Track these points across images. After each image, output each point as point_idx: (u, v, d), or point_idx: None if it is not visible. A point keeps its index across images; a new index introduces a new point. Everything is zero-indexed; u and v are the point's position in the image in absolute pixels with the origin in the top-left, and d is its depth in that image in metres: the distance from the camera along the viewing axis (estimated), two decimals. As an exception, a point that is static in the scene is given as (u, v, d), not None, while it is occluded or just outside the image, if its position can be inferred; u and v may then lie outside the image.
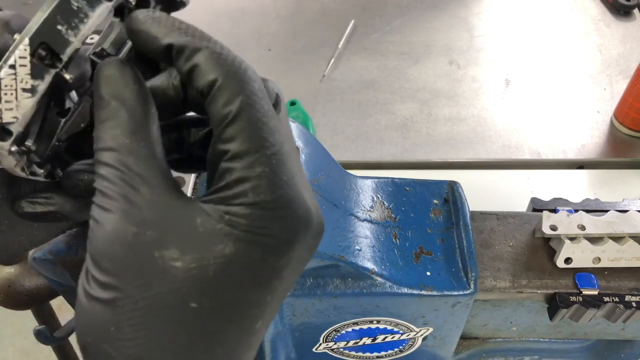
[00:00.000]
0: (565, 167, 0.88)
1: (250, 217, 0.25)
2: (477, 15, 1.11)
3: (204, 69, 0.27)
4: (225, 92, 0.26)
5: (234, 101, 0.26)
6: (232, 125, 0.26)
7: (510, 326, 0.58)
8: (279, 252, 0.27)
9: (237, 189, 0.26)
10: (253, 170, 0.26)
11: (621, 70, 1.00)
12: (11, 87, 0.27)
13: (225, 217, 0.25)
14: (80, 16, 0.27)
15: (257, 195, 0.26)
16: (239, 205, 0.26)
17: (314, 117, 0.91)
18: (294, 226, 0.27)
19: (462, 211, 0.51)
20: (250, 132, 0.26)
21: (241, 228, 0.25)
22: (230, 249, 0.25)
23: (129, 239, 0.25)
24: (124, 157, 0.26)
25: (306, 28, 1.08)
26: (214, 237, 0.25)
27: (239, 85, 0.27)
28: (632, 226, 0.51)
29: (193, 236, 0.25)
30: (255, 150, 0.26)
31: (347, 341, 0.53)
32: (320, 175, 0.49)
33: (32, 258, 0.44)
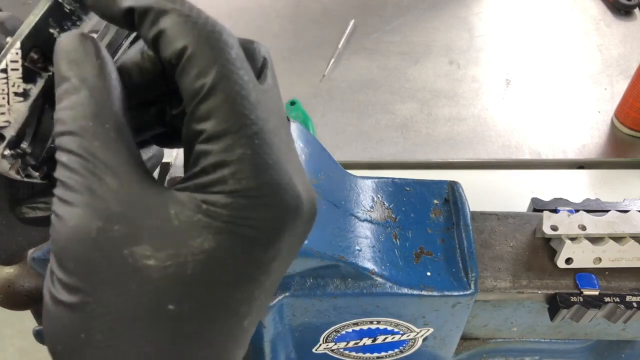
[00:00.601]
0: (566, 167, 0.87)
1: (232, 207, 0.22)
2: (477, 15, 1.11)
3: (171, 35, 0.23)
4: (197, 61, 0.23)
5: (207, 72, 0.23)
6: (206, 101, 0.23)
7: (511, 326, 0.58)
8: (265, 244, 0.23)
9: (214, 175, 0.23)
10: (232, 153, 0.23)
11: (622, 70, 1.00)
12: (2, 91, 0.26)
13: (203, 206, 0.22)
14: (73, 19, 0.27)
15: (238, 182, 0.22)
16: (218, 194, 0.23)
17: (314, 117, 0.91)
18: (281, 215, 0.23)
19: (462, 211, 0.51)
20: (227, 109, 0.23)
21: (221, 219, 0.22)
22: (210, 243, 0.22)
23: (93, 235, 0.22)
24: (86, 142, 0.23)
25: (306, 28, 1.08)
26: (191, 231, 0.22)
27: (213, 52, 0.23)
28: (633, 226, 0.51)
29: (167, 230, 0.22)
30: (234, 130, 0.23)
31: (347, 342, 0.52)
32: (320, 175, 0.49)
33: (31, 258, 0.44)
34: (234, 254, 0.23)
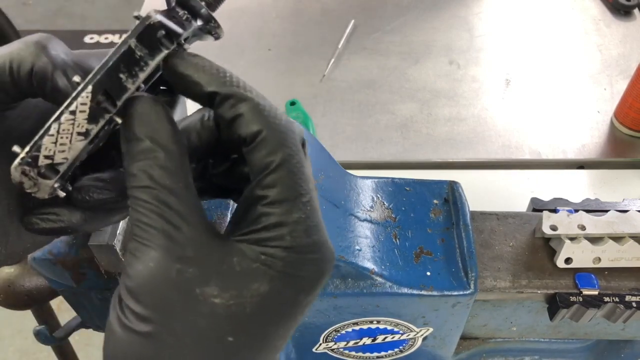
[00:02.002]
0: (566, 167, 0.88)
1: (287, 259, 0.27)
2: (477, 15, 1.11)
3: (248, 120, 0.28)
4: (269, 143, 0.28)
5: (276, 153, 0.28)
6: (272, 174, 0.28)
7: (511, 326, 0.58)
8: (308, 291, 0.29)
9: (274, 232, 0.27)
10: (291, 216, 0.28)
11: (621, 70, 1.00)
12: (68, 131, 0.28)
13: (261, 257, 0.27)
14: (141, 64, 0.28)
15: (294, 240, 0.28)
16: (275, 248, 0.27)
17: (314, 117, 0.91)
18: (323, 268, 0.29)
19: (462, 211, 0.51)
20: (289, 182, 0.28)
21: (277, 268, 0.27)
22: (265, 287, 0.27)
23: (172, 275, 0.26)
24: (163, 196, 0.27)
25: (306, 28, 1.08)
26: (250, 276, 0.27)
27: (282, 138, 0.29)
28: (632, 226, 0.51)
29: (231, 274, 0.27)
30: (293, 198, 0.28)
31: (347, 341, 0.53)
32: (320, 175, 0.49)
33: (32, 258, 0.44)
34: (284, 298, 0.28)
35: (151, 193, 0.27)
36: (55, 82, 0.30)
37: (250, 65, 1.00)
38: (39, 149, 0.28)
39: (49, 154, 0.28)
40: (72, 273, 0.45)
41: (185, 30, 0.29)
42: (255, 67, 1.00)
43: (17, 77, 0.29)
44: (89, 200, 0.32)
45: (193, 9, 0.30)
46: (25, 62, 0.29)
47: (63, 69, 0.30)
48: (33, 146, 0.28)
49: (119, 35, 2.46)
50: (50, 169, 0.29)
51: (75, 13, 2.61)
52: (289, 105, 0.92)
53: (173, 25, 0.29)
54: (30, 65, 0.29)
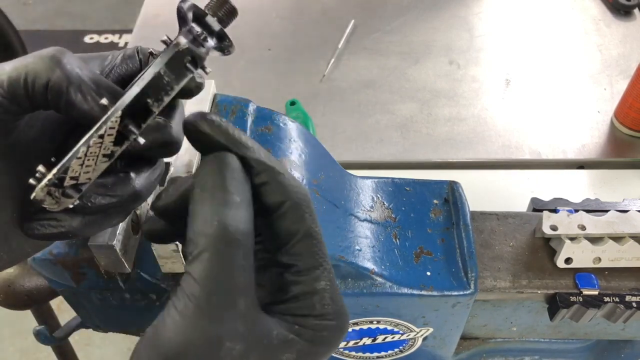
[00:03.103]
0: (566, 167, 0.87)
1: (316, 327, 0.29)
2: (477, 15, 1.11)
3: (274, 189, 0.29)
4: (294, 214, 0.29)
5: (301, 222, 0.29)
6: (300, 243, 0.29)
7: (511, 326, 0.58)
8: (327, 353, 0.30)
9: (304, 302, 0.29)
10: (319, 284, 0.29)
11: (621, 70, 1.00)
12: (94, 153, 0.29)
13: (294, 327, 0.28)
14: (167, 89, 0.29)
15: (322, 308, 0.29)
16: (306, 317, 0.29)
17: (314, 117, 0.91)
18: (342, 334, 0.31)
19: (462, 211, 0.51)
20: (314, 251, 0.29)
21: (306, 337, 0.28)
22: (293, 356, 0.28)
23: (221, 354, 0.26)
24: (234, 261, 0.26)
25: (306, 28, 1.08)
26: (284, 347, 0.28)
27: (306, 209, 0.30)
28: (633, 226, 0.51)
29: (269, 347, 0.27)
30: (318, 266, 0.29)
31: (347, 341, 0.53)
32: (320, 175, 0.49)
33: (32, 258, 0.44)
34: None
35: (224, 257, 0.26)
36: (70, 97, 0.30)
37: (250, 65, 1.00)
38: (66, 171, 0.29)
39: (74, 175, 0.29)
40: (72, 273, 0.45)
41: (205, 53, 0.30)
42: (255, 67, 1.00)
43: (31, 90, 0.30)
44: (90, 206, 0.32)
45: (208, 27, 0.31)
46: (41, 76, 0.29)
47: (78, 84, 0.30)
48: (61, 168, 0.29)
49: (119, 35, 2.46)
50: (74, 188, 0.29)
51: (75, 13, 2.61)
52: (289, 105, 0.92)
53: (198, 51, 0.30)
54: (45, 80, 0.29)
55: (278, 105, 0.92)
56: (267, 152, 0.30)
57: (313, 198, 0.46)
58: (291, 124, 0.50)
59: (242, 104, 0.49)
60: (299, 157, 0.48)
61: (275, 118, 0.49)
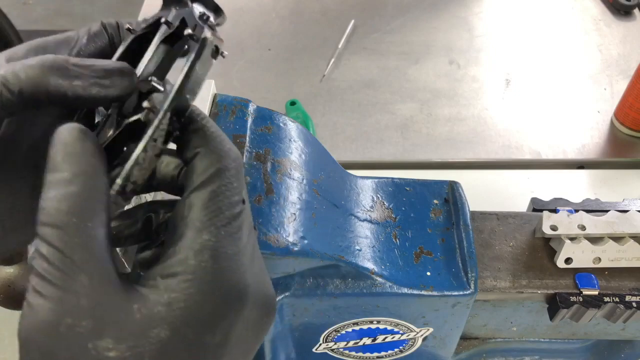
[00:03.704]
0: (566, 167, 0.87)
1: (187, 291, 0.25)
2: (477, 15, 1.11)
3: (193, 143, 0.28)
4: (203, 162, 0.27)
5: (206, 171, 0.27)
6: (196, 192, 0.27)
7: (511, 326, 0.58)
8: (214, 328, 0.26)
9: (180, 255, 0.25)
10: (200, 237, 0.26)
11: (621, 70, 1.00)
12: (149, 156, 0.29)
13: (164, 296, 0.25)
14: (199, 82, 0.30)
15: (197, 263, 0.25)
16: (177, 276, 0.25)
17: (314, 117, 0.91)
18: (230, 300, 0.26)
19: (462, 211, 0.51)
20: (208, 201, 0.26)
21: (177, 305, 0.25)
22: (166, 332, 0.24)
23: (62, 329, 0.23)
24: (67, 237, 0.24)
25: (306, 28, 1.08)
26: (150, 322, 0.24)
27: (218, 159, 0.27)
28: (633, 226, 0.51)
29: (129, 323, 0.24)
30: (208, 218, 0.26)
31: (347, 341, 0.53)
32: (320, 175, 0.49)
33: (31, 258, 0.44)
34: (186, 340, 0.25)
35: (55, 233, 0.24)
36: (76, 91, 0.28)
37: (250, 65, 1.00)
38: (129, 179, 0.28)
39: (134, 179, 0.29)
40: (72, 273, 0.45)
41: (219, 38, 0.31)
42: (255, 67, 1.00)
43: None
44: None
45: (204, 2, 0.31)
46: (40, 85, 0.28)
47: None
48: (126, 177, 0.28)
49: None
50: (133, 192, 0.29)
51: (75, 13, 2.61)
52: (289, 105, 0.92)
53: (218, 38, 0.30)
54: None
55: (278, 105, 0.92)
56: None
57: (313, 198, 0.47)
58: (291, 124, 0.50)
59: (242, 104, 0.49)
60: (299, 157, 0.48)
61: (275, 118, 0.49)
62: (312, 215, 0.45)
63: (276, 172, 0.45)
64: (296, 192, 0.45)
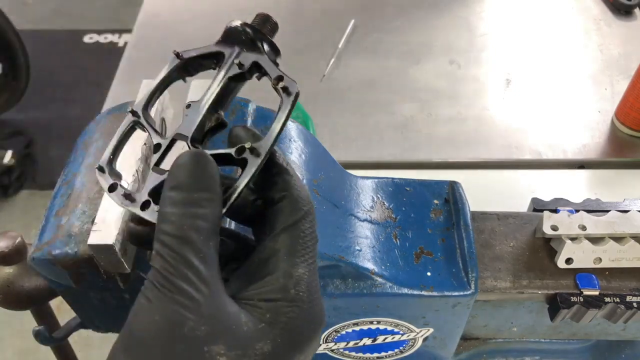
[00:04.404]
0: (566, 167, 0.87)
1: (290, 314, 0.28)
2: (477, 15, 1.11)
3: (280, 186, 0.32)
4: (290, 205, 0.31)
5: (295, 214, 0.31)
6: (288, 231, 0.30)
7: (511, 326, 0.58)
8: (304, 348, 0.29)
9: (279, 284, 0.29)
10: (296, 270, 0.29)
11: (622, 70, 1.00)
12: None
13: (266, 315, 0.28)
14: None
15: (297, 293, 0.29)
16: (278, 301, 0.29)
17: (314, 117, 0.91)
18: (317, 326, 0.30)
19: (462, 211, 0.51)
20: (301, 240, 0.30)
21: (279, 325, 0.28)
22: (269, 347, 0.28)
23: (184, 331, 0.26)
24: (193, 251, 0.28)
25: (306, 28, 1.08)
26: (256, 336, 0.28)
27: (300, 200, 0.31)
28: (633, 226, 0.51)
29: (239, 334, 0.27)
30: (301, 255, 0.30)
31: (347, 342, 0.52)
32: (320, 175, 0.49)
33: (31, 258, 0.44)
34: (282, 356, 0.28)
35: (183, 245, 0.27)
36: None
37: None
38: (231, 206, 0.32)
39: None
40: (71, 273, 0.45)
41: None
42: (255, 67, 1.00)
43: None
44: None
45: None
46: None
47: None
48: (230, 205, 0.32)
49: (119, 35, 2.46)
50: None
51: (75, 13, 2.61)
52: (289, 105, 0.92)
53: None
54: None
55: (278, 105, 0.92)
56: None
57: (313, 198, 0.46)
58: (291, 124, 0.50)
59: (242, 104, 0.49)
60: (299, 157, 0.48)
61: (275, 118, 0.49)
62: (312, 216, 0.45)
63: (276, 172, 0.45)
64: (296, 192, 0.45)
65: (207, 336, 0.27)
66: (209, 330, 0.27)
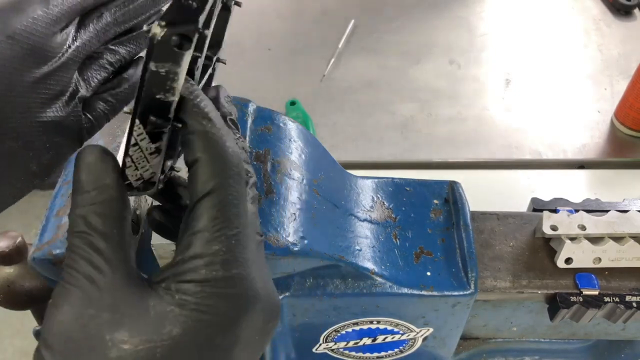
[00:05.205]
0: (566, 167, 0.87)
1: (199, 295, 0.26)
2: (477, 15, 1.11)
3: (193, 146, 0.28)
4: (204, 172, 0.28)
5: (209, 181, 0.28)
6: (202, 202, 0.27)
7: (511, 326, 0.58)
8: (225, 331, 0.27)
9: (191, 264, 0.27)
10: (210, 247, 0.27)
11: (622, 70, 1.00)
12: (141, 157, 0.30)
13: (175, 297, 0.26)
14: (171, 77, 0.27)
15: (209, 273, 0.27)
16: (189, 282, 0.27)
17: (314, 117, 0.91)
18: (240, 304, 0.27)
19: (462, 211, 0.51)
20: (216, 212, 0.27)
21: (189, 307, 0.26)
22: (178, 330, 0.26)
23: (85, 321, 0.26)
24: (95, 242, 0.27)
25: (306, 28, 1.08)
26: (163, 319, 0.26)
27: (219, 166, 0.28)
28: (633, 226, 0.51)
29: (144, 319, 0.26)
30: (217, 229, 0.27)
31: (347, 341, 0.52)
32: (320, 175, 0.49)
33: (31, 258, 0.44)
34: (198, 339, 0.26)
35: (84, 239, 0.27)
36: None
37: (250, 65, 1.00)
38: (127, 178, 0.30)
39: (137, 177, 0.30)
40: (71, 273, 0.45)
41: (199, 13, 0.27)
42: (255, 67, 1.00)
43: None
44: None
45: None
46: None
47: None
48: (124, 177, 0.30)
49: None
50: (148, 183, 0.31)
51: (76, 13, 2.60)
52: (289, 105, 0.92)
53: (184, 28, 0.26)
54: None
55: (278, 105, 0.92)
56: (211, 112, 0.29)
57: (313, 198, 0.47)
58: (291, 124, 0.50)
59: (242, 104, 0.49)
60: (299, 157, 0.48)
61: (275, 118, 0.49)
62: (312, 216, 0.45)
63: (276, 172, 0.45)
64: (296, 192, 0.45)
65: (108, 324, 0.26)
66: (110, 318, 0.26)
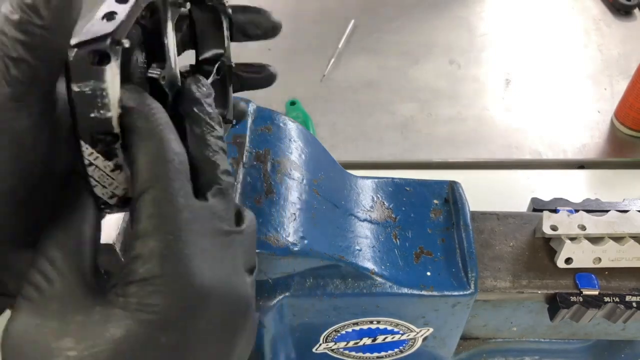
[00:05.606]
0: (566, 167, 0.87)
1: (139, 295, 0.26)
2: (477, 15, 1.11)
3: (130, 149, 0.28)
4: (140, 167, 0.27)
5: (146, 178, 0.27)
6: (139, 202, 0.27)
7: (511, 326, 0.58)
8: (168, 329, 0.26)
9: (133, 265, 0.26)
10: (146, 246, 0.26)
11: (622, 70, 1.00)
12: (103, 175, 0.28)
13: (120, 299, 0.26)
14: (98, 93, 0.26)
15: (146, 271, 0.26)
16: (130, 284, 0.26)
17: (314, 117, 0.91)
18: (184, 301, 0.26)
19: (462, 211, 0.51)
20: (152, 210, 0.26)
21: (131, 308, 0.25)
22: (121, 332, 0.25)
23: (32, 330, 0.25)
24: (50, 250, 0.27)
25: (306, 28, 1.08)
26: (107, 323, 0.25)
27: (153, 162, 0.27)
28: (633, 226, 0.51)
29: (89, 324, 0.25)
30: (153, 227, 0.26)
31: (347, 341, 0.52)
32: (320, 175, 0.49)
33: (31, 258, 0.44)
34: (140, 340, 0.25)
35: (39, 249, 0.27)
36: None
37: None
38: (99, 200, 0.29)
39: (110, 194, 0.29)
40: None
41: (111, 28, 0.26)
42: (255, 67, 1.00)
43: None
44: None
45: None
46: None
47: None
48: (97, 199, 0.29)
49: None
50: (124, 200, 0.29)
51: (76, 13, 2.60)
52: (289, 105, 0.92)
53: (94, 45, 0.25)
54: None
55: (278, 105, 0.92)
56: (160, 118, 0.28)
57: (313, 198, 0.47)
58: (291, 124, 0.50)
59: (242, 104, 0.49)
60: (299, 157, 0.48)
61: (275, 118, 0.49)
62: (312, 216, 0.45)
63: (276, 172, 0.45)
64: (296, 192, 0.45)
65: (54, 332, 0.25)
66: (56, 326, 0.25)
